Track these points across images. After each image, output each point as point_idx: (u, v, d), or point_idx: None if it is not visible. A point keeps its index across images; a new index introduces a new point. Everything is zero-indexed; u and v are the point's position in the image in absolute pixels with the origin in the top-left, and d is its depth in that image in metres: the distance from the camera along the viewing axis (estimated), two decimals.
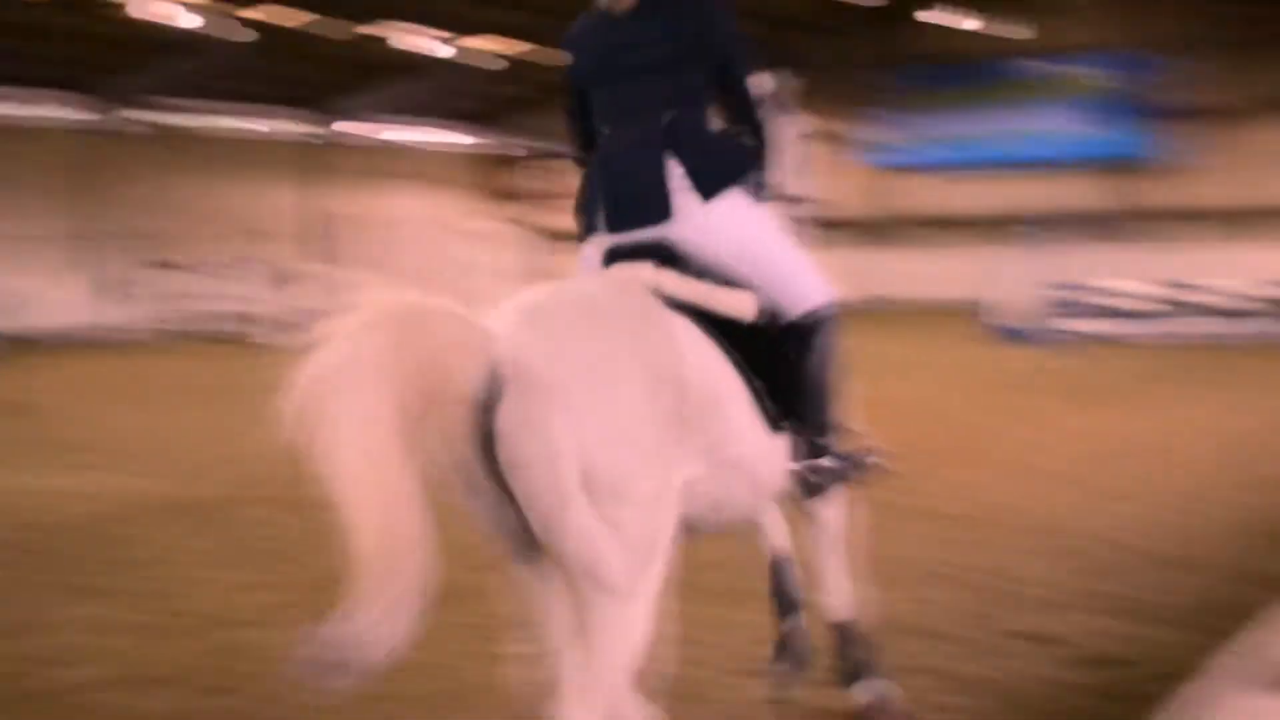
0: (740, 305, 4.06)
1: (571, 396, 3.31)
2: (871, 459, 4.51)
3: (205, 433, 14.31)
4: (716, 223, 4.08)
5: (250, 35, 32.06)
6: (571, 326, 3.48)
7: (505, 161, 47.83)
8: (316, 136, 41.17)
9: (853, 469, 4.41)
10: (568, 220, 4.50)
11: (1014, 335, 23.70)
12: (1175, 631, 6.18)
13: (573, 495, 3.29)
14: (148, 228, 32.66)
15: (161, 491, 10.69)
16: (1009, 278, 24.85)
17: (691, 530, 3.87)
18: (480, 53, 37.94)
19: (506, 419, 3.26)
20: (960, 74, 40.23)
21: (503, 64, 38.56)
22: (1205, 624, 6.19)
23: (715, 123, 4.23)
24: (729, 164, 4.17)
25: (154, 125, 36.93)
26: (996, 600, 6.77)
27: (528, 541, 3.45)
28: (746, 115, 4.27)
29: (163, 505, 10.07)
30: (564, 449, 3.27)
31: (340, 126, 41.80)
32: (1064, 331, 24.01)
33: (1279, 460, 10.91)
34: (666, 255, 4.05)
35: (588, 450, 3.32)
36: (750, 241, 4.13)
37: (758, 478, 4.07)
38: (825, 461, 4.25)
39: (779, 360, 4.08)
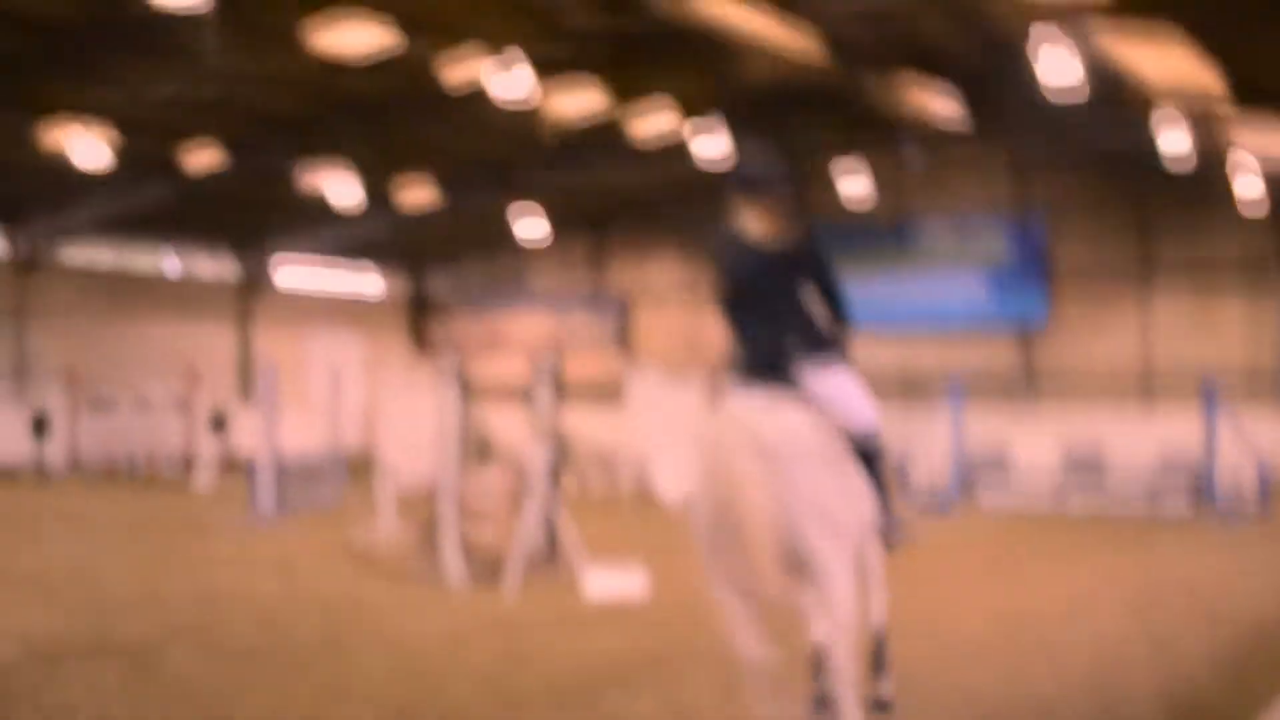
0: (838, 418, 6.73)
1: (803, 460, 6.25)
2: (912, 525, 7.19)
3: (131, 570, 14.23)
4: (819, 377, 6.75)
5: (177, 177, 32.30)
6: (782, 420, 6.38)
7: (432, 308, 48.06)
8: (251, 279, 41.33)
9: (907, 530, 7.13)
10: (489, 370, 5.67)
11: (924, 501, 23.80)
12: None
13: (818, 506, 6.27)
14: (79, 364, 32.80)
15: (86, 631, 10.63)
16: (917, 441, 25.13)
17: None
18: (407, 199, 38.20)
19: (782, 470, 6.11)
20: (860, 237, 40.71)
21: (429, 208, 38.72)
22: None
23: (816, 310, 6.90)
24: (825, 341, 6.92)
25: (87, 264, 37.15)
26: None
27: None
28: (835, 311, 7.02)
29: (88, 647, 10.01)
30: (807, 484, 6.23)
31: (273, 270, 42.00)
32: (973, 499, 24.36)
33: (1196, 632, 11.05)
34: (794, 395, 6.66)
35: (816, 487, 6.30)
36: (836, 389, 6.82)
37: (865, 511, 6.72)
38: (896, 522, 7.01)
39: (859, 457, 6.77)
